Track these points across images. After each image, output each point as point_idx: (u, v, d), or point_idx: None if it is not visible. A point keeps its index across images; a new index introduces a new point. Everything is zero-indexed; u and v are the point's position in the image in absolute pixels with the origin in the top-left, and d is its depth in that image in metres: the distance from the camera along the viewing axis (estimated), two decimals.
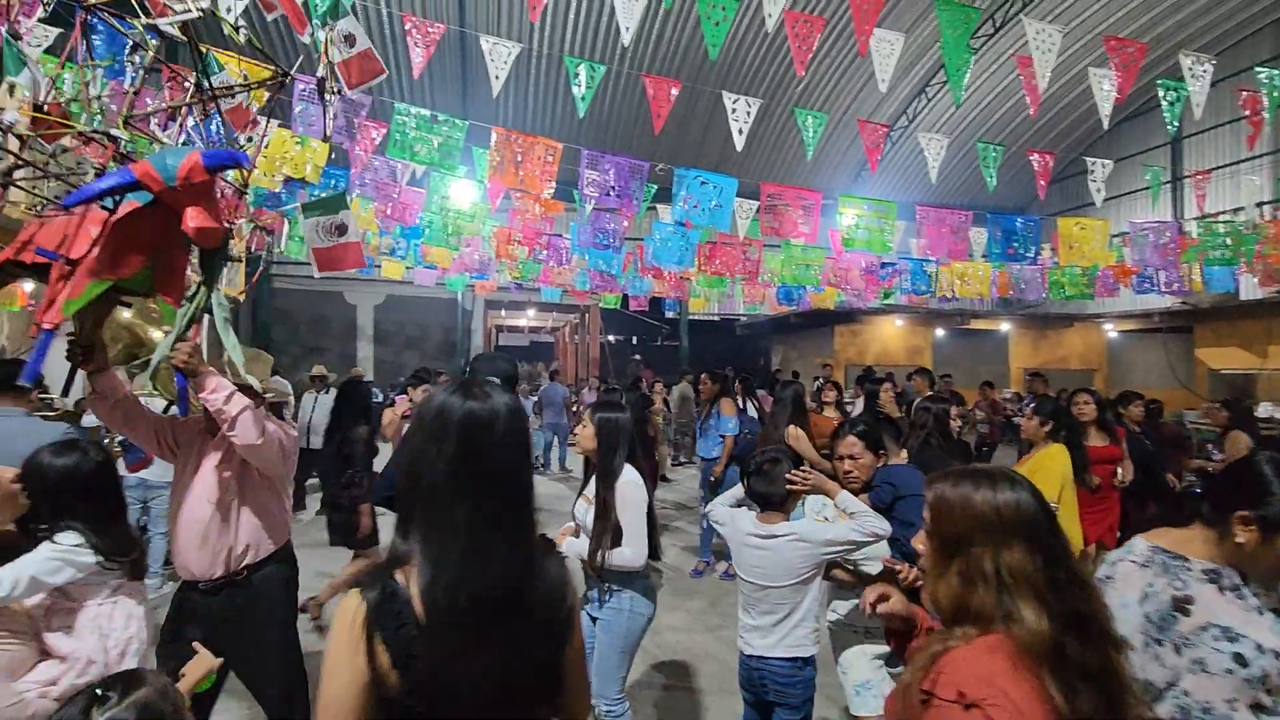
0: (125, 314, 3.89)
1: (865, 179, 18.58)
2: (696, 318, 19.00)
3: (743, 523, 2.37)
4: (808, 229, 5.84)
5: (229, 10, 3.31)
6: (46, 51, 4.12)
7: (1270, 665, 1.18)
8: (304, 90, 4.62)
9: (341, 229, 3.41)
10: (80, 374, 1.96)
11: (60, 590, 1.44)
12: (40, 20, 3.70)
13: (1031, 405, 4.00)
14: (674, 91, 4.55)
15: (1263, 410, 10.09)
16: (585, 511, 2.54)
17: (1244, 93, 5.12)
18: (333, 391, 7.25)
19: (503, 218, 7.45)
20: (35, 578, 1.36)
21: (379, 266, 10.41)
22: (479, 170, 5.63)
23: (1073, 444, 3.86)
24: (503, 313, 20.11)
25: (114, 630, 1.49)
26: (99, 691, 1.03)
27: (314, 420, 6.95)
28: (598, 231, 7.03)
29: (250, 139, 3.01)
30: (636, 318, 17.79)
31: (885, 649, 2.38)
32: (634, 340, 22.50)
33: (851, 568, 2.45)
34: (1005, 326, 17.81)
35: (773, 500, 2.33)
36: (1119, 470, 4.26)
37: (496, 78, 4.14)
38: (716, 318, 19.67)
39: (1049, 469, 3.63)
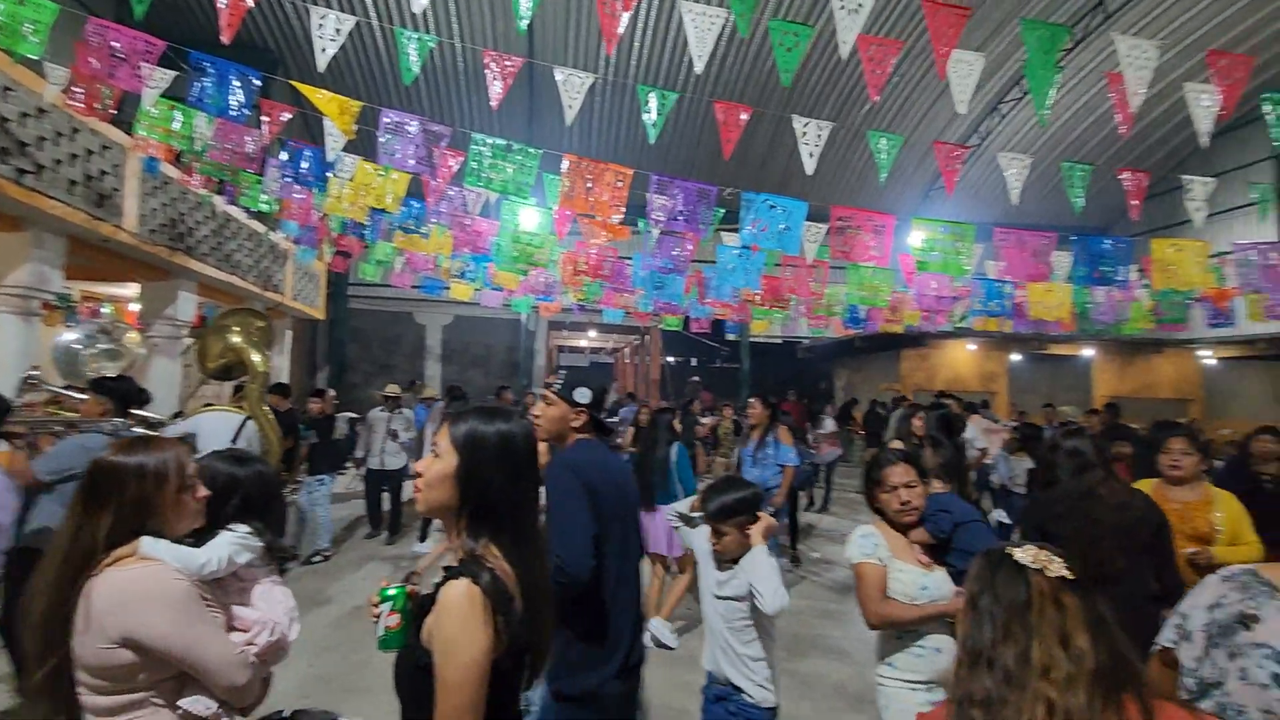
0: (235, 338, 4.21)
1: (933, 199, 18.08)
2: (758, 340, 18.79)
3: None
4: (879, 252, 5.69)
5: None
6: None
7: None
8: (388, 124, 4.84)
9: None
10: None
11: (235, 572, 1.70)
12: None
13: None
14: (744, 116, 4.52)
15: None
16: None
17: None
18: (405, 411, 7.44)
19: (569, 242, 7.58)
20: (230, 557, 1.64)
21: (448, 288, 10.74)
22: (549, 197, 5.74)
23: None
24: (564, 333, 20.40)
25: (281, 602, 1.76)
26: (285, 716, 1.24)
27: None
28: (663, 256, 7.05)
29: None
30: (697, 339, 17.72)
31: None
32: (693, 362, 22.39)
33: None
34: (1088, 352, 16.78)
35: None
36: None
37: (570, 107, 4.21)
38: (779, 340, 19.39)
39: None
